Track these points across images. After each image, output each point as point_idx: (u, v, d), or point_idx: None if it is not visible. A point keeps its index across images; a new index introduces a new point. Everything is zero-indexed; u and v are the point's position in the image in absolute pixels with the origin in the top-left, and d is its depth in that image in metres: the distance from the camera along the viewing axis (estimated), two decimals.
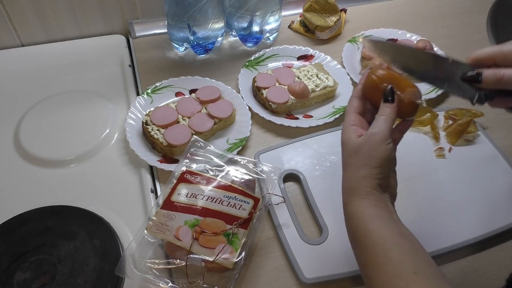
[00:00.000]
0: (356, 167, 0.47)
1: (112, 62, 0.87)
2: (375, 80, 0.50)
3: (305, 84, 0.78)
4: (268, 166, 0.65)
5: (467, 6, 1.07)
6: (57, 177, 0.68)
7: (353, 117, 0.50)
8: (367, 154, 0.46)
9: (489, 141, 0.74)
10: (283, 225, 0.62)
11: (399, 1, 1.07)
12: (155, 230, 0.56)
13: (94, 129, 0.74)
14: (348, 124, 0.50)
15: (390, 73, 0.51)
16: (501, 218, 0.63)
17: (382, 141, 0.46)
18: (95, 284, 0.55)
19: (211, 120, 0.72)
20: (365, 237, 0.44)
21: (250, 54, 0.87)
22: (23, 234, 0.59)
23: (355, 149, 0.47)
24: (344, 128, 0.50)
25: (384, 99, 0.49)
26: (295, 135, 0.74)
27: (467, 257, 0.61)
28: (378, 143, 0.46)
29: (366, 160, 0.46)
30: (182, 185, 0.61)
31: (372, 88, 0.51)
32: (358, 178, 0.46)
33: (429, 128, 0.75)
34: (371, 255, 0.43)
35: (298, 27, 0.96)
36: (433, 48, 0.89)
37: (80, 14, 0.88)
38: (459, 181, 0.68)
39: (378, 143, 0.46)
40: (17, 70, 0.84)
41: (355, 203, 0.46)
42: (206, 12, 0.79)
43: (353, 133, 0.48)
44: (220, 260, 0.53)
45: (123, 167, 0.70)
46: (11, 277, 0.55)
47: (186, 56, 0.89)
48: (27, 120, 0.75)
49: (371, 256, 0.43)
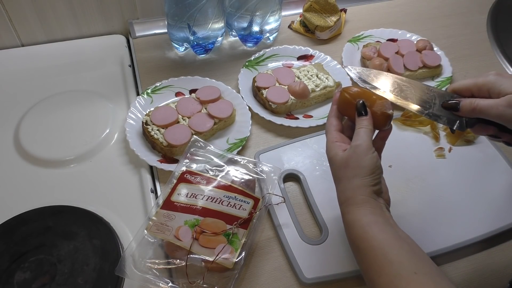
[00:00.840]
0: (348, 179, 0.49)
1: (112, 62, 0.87)
2: (348, 98, 0.54)
3: (305, 84, 0.78)
4: (268, 166, 0.65)
5: (467, 6, 1.07)
6: (57, 177, 0.68)
7: (334, 135, 0.53)
8: (356, 165, 0.49)
9: (489, 141, 0.73)
10: (283, 225, 0.62)
11: (399, 1, 1.07)
12: (155, 230, 0.56)
13: (94, 129, 0.74)
14: (331, 142, 0.53)
15: (361, 90, 0.54)
16: (501, 218, 0.63)
17: (366, 151, 0.49)
18: (95, 284, 0.55)
19: (211, 120, 0.72)
20: (365, 243, 0.46)
21: (250, 54, 0.87)
22: (23, 234, 0.59)
23: (343, 163, 0.50)
24: (328, 146, 0.53)
25: (358, 113, 0.52)
26: (295, 135, 0.74)
27: (467, 257, 0.61)
28: (364, 153, 0.49)
29: (356, 171, 0.49)
30: (182, 185, 0.61)
31: (346, 105, 0.54)
32: (352, 189, 0.49)
33: (429, 128, 0.75)
34: (371, 259, 0.45)
35: (298, 27, 0.96)
36: (433, 48, 0.89)
37: (80, 14, 0.88)
38: (459, 181, 0.68)
39: (363, 153, 0.49)
40: (17, 70, 0.84)
41: (353, 212, 0.48)
42: (206, 12, 0.79)
43: (338, 149, 0.51)
44: (220, 260, 0.53)
45: (123, 167, 0.70)
46: (11, 277, 0.55)
47: (186, 56, 0.89)
48: (27, 120, 0.75)
49: (372, 260, 0.45)
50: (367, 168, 0.48)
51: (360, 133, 0.50)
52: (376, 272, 0.44)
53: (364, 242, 0.46)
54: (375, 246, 0.45)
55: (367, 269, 0.45)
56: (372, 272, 0.45)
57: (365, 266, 0.46)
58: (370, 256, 0.45)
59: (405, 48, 0.87)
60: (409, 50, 0.87)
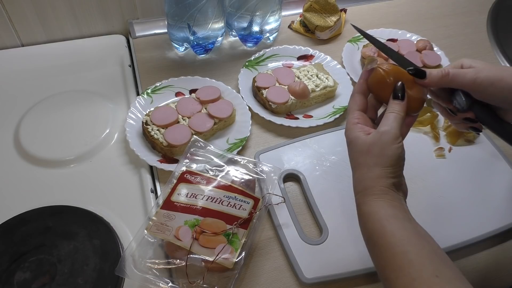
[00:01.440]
0: (368, 167, 0.46)
1: (112, 62, 0.87)
2: (382, 75, 0.49)
3: (305, 84, 0.78)
4: (268, 166, 0.65)
5: (467, 6, 1.07)
6: (57, 177, 0.68)
7: (357, 115, 0.49)
8: (379, 153, 0.45)
9: (489, 141, 0.74)
10: (283, 225, 0.62)
11: (399, 1, 1.07)
12: (155, 230, 0.56)
13: (94, 129, 0.74)
14: (352, 123, 0.49)
15: (397, 68, 0.50)
16: (501, 218, 0.63)
17: (394, 139, 0.45)
18: (95, 284, 0.55)
19: (211, 120, 0.72)
20: (383, 238, 0.43)
21: (250, 54, 0.87)
22: (23, 234, 0.59)
23: (365, 148, 0.46)
24: (349, 126, 0.49)
25: (394, 95, 0.48)
26: (295, 135, 0.74)
27: (467, 257, 0.61)
28: (390, 141, 0.45)
29: (379, 159, 0.45)
30: (182, 185, 0.61)
31: (379, 83, 0.50)
32: (371, 178, 0.45)
33: (429, 128, 0.75)
34: (389, 257, 0.42)
35: (298, 27, 0.96)
36: (433, 48, 0.89)
37: (80, 14, 0.88)
38: (459, 181, 0.68)
39: (389, 142, 0.45)
40: (17, 70, 0.84)
41: (370, 203, 0.45)
42: (206, 12, 0.79)
43: (360, 131, 0.47)
44: (220, 260, 0.53)
45: (123, 167, 0.70)
46: (11, 277, 0.55)
47: (186, 56, 0.89)
48: (27, 120, 0.75)
49: (390, 259, 0.42)
50: (391, 158, 0.45)
51: (390, 118, 0.47)
52: (394, 271, 0.41)
53: (381, 237, 0.43)
54: (393, 243, 0.42)
55: (384, 267, 0.42)
56: (389, 270, 0.42)
57: (381, 263, 0.43)
58: (387, 253, 0.42)
59: (405, 48, 0.87)
60: (409, 50, 0.86)
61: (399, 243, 0.42)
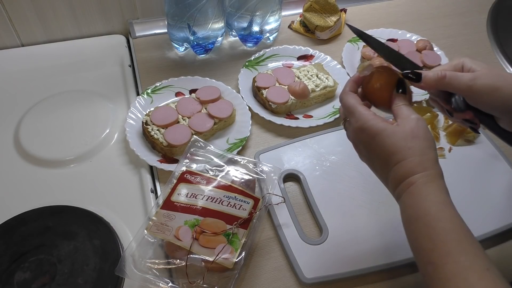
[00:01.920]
0: (422, 150, 0.45)
1: (112, 62, 0.87)
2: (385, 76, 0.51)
3: (305, 84, 0.78)
4: (268, 166, 0.65)
5: (467, 6, 1.07)
6: (57, 177, 0.68)
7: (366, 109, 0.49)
8: (426, 136, 0.46)
9: (489, 141, 0.73)
10: (283, 225, 0.62)
11: (399, 1, 1.07)
12: (155, 230, 0.56)
13: (94, 129, 0.74)
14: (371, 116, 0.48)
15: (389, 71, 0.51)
16: (501, 218, 0.63)
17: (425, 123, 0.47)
18: (95, 284, 0.55)
19: (211, 120, 0.73)
20: (438, 222, 0.42)
21: (250, 54, 0.87)
22: (23, 234, 0.59)
23: (409, 133, 0.45)
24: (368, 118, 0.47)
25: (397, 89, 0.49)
26: (295, 135, 0.74)
27: None
28: (426, 125, 0.47)
29: (430, 143, 0.46)
30: (182, 185, 0.61)
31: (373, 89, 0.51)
32: (430, 160, 0.45)
33: (429, 128, 0.75)
34: (440, 242, 0.41)
35: (298, 27, 0.96)
36: (433, 48, 0.89)
37: (80, 14, 0.88)
38: (459, 181, 0.68)
39: (426, 125, 0.47)
40: (17, 70, 0.84)
41: (431, 184, 0.44)
42: (206, 12, 0.79)
43: (384, 122, 0.47)
44: (220, 260, 0.53)
45: (123, 167, 0.70)
46: (11, 277, 0.55)
47: (186, 56, 0.89)
48: (27, 120, 0.75)
49: (441, 243, 0.41)
50: (433, 141, 0.46)
51: (405, 109, 0.48)
52: (442, 256, 0.40)
53: (436, 220, 0.42)
54: (449, 228, 0.42)
55: (432, 250, 0.41)
56: (436, 255, 0.41)
57: (429, 246, 0.42)
58: (440, 237, 0.41)
59: (405, 48, 0.87)
60: (409, 50, 0.87)
61: (455, 230, 0.42)
